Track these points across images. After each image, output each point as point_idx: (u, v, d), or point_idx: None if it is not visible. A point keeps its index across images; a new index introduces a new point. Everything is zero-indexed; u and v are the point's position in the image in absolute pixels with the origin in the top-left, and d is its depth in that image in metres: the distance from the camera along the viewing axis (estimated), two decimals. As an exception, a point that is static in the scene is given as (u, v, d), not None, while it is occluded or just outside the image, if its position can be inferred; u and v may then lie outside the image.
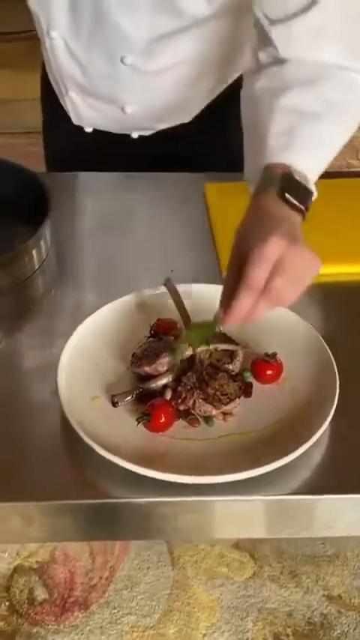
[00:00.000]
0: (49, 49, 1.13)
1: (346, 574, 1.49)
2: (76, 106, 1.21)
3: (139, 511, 0.70)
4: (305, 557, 1.52)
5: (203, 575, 1.48)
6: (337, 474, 0.71)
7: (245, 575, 1.49)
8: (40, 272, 0.99)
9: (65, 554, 1.52)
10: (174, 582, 1.47)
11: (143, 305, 0.87)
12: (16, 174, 1.07)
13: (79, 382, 0.76)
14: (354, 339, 0.89)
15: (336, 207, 1.10)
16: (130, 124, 1.24)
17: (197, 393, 0.72)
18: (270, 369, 0.76)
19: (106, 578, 1.48)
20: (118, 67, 1.10)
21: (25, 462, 0.72)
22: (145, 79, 1.15)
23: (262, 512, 0.73)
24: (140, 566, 1.50)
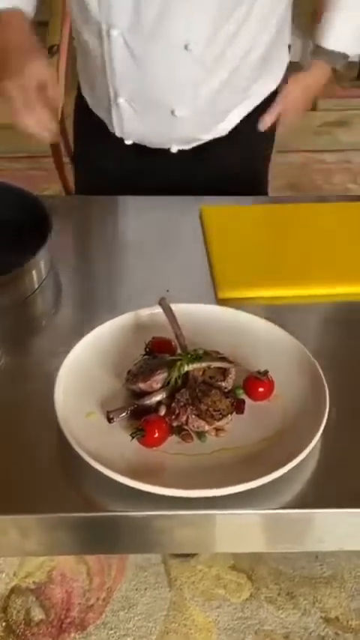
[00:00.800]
0: (107, 52, 1.13)
1: (343, 596, 1.48)
2: (123, 114, 1.21)
3: (134, 524, 0.70)
4: (302, 578, 1.51)
5: (200, 597, 1.47)
6: (327, 489, 0.72)
7: (242, 597, 1.47)
8: (39, 291, 0.99)
9: (62, 575, 1.50)
10: (171, 603, 1.46)
11: (139, 324, 0.88)
12: (17, 197, 1.08)
13: (75, 398, 0.76)
14: (343, 357, 0.90)
15: (333, 231, 1.13)
16: (175, 132, 1.24)
17: (190, 409, 0.72)
18: (262, 387, 0.77)
19: (104, 599, 1.47)
20: (180, 55, 1.11)
21: (23, 475, 0.72)
22: (202, 71, 1.15)
23: (254, 526, 0.73)
24: (137, 587, 1.49)
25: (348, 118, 3.62)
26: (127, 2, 1.06)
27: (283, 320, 0.90)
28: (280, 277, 1.02)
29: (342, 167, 3.20)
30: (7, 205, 1.07)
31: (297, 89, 1.28)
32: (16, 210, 1.06)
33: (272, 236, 1.12)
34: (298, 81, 1.27)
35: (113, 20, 1.08)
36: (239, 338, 0.87)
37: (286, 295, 1.00)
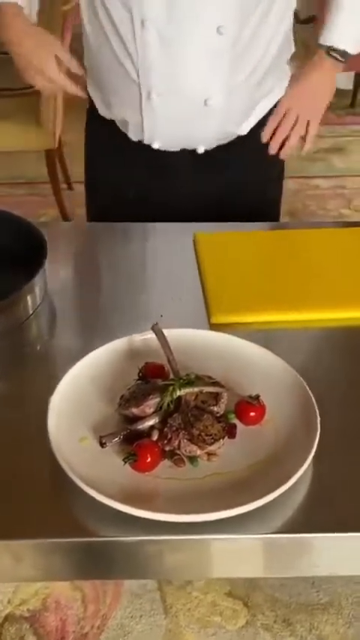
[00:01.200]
0: (140, 46, 1.13)
1: (340, 622, 1.47)
2: (155, 111, 1.20)
3: (126, 550, 0.70)
4: (299, 605, 1.50)
5: (196, 624, 1.46)
6: (319, 513, 0.71)
7: (238, 624, 1.46)
8: (34, 317, 1.00)
9: (57, 602, 1.49)
10: (166, 631, 1.45)
11: (132, 349, 0.88)
12: (14, 224, 1.09)
13: (68, 423, 0.76)
14: (334, 383, 0.90)
15: (325, 257, 1.14)
16: (206, 126, 1.23)
17: (183, 433, 0.72)
18: (253, 411, 0.77)
19: (98, 627, 1.45)
20: (214, 40, 1.12)
21: (16, 501, 0.72)
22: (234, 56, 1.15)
23: (248, 551, 0.73)
24: (132, 614, 1.48)
25: (342, 145, 3.68)
26: None
27: (275, 345, 0.90)
28: (272, 303, 1.02)
29: (336, 193, 3.22)
30: (5, 232, 1.08)
31: (312, 74, 1.26)
32: (12, 236, 1.07)
33: (265, 262, 1.13)
34: (312, 66, 1.26)
35: (146, 11, 1.08)
36: (231, 363, 0.87)
37: (279, 320, 1.00)
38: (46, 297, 1.03)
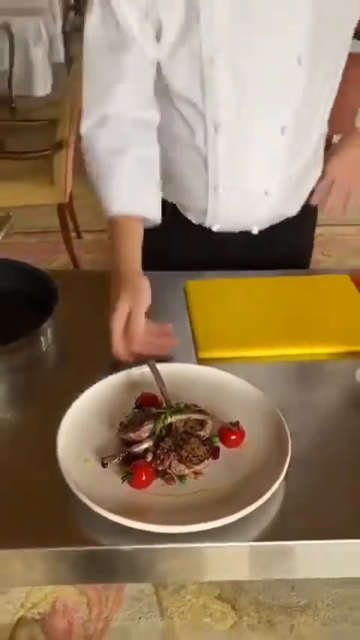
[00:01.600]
0: (211, 147, 1.09)
1: (317, 623, 1.47)
2: (220, 202, 1.17)
3: (124, 557, 0.71)
4: (280, 607, 1.50)
5: (189, 625, 1.46)
6: (291, 523, 0.72)
7: (227, 625, 1.46)
8: (46, 353, 1.00)
9: (65, 606, 1.49)
10: (162, 632, 1.44)
11: (130, 382, 0.88)
12: (29, 272, 1.09)
13: (75, 447, 0.76)
14: (305, 409, 0.90)
15: (299, 300, 1.13)
16: (263, 211, 1.20)
17: (173, 455, 0.73)
18: (234, 435, 0.77)
19: (101, 629, 1.45)
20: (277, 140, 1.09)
21: (28, 514, 0.72)
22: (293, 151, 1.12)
23: (231, 557, 0.73)
24: (132, 616, 1.48)
25: None
26: (231, 100, 1.04)
27: (254, 377, 0.90)
28: (252, 340, 1.02)
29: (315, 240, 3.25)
30: (21, 279, 1.08)
31: (352, 150, 1.24)
32: (28, 283, 1.07)
33: (246, 305, 1.12)
34: (351, 143, 1.24)
35: (220, 116, 1.06)
36: (215, 393, 0.87)
37: (257, 355, 1.00)
38: (56, 336, 1.02)
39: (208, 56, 0.98)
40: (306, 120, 1.10)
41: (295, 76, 1.01)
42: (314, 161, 1.21)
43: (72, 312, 1.00)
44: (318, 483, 0.77)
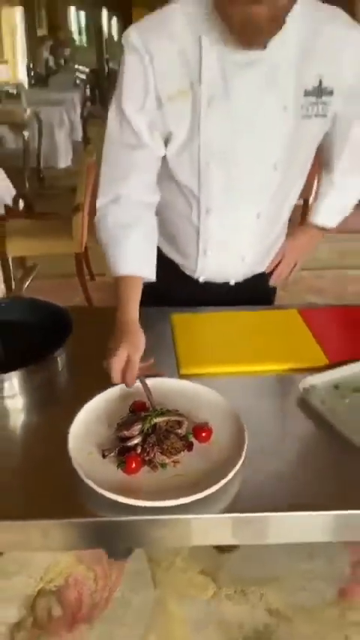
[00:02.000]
0: (203, 223, 1.08)
1: (282, 593, 1.45)
2: (207, 263, 1.16)
3: (120, 526, 0.72)
4: (252, 579, 1.48)
5: (177, 595, 1.45)
6: (246, 500, 0.73)
7: (208, 595, 1.45)
8: (61, 373, 1.00)
9: (76, 580, 1.47)
10: (155, 601, 1.43)
11: (126, 392, 0.89)
12: (49, 308, 1.09)
13: (81, 442, 0.78)
14: (261, 412, 0.90)
15: (261, 329, 1.12)
16: (240, 271, 1.19)
17: (157, 448, 0.75)
18: (204, 433, 0.79)
19: (106, 598, 1.43)
20: (255, 221, 1.08)
21: (45, 493, 0.73)
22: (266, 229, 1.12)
23: (203, 526, 0.73)
24: (131, 588, 1.46)
25: None
26: (220, 192, 1.04)
27: (222, 388, 0.90)
28: (222, 359, 1.02)
29: None
30: (43, 314, 1.08)
31: (303, 236, 1.26)
32: (49, 317, 1.06)
33: (219, 332, 1.11)
34: (304, 231, 1.26)
35: (210, 203, 1.05)
36: (191, 400, 0.87)
37: (226, 371, 0.99)
38: (70, 359, 1.01)
39: (205, 160, 0.98)
40: (277, 209, 1.11)
41: (271, 178, 1.02)
42: (281, 234, 1.22)
43: (83, 340, 1.00)
44: (271, 468, 0.78)
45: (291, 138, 0.98)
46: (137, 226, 1.00)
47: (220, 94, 0.92)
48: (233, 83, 0.91)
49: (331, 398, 0.91)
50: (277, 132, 0.97)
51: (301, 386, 0.93)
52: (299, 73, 0.92)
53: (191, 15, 0.88)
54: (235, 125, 0.95)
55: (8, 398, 0.92)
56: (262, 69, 0.90)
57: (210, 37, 0.88)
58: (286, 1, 0.78)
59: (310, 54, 0.91)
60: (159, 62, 0.90)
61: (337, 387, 0.94)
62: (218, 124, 0.94)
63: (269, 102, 0.93)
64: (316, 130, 1.02)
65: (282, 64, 0.91)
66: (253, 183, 1.03)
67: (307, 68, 0.92)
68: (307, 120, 0.97)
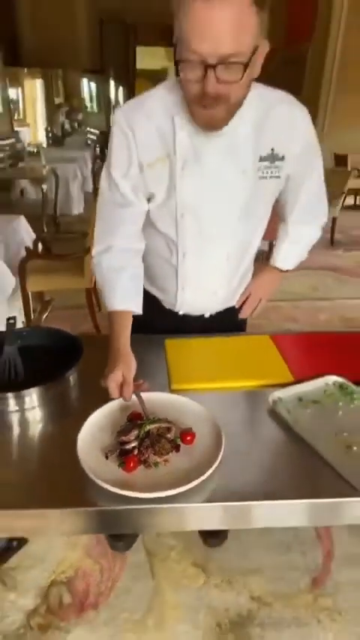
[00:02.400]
0: (180, 265, 1.09)
1: (263, 581, 1.45)
2: (185, 298, 1.17)
3: (120, 515, 0.74)
4: (237, 569, 1.48)
5: (172, 584, 1.44)
6: (225, 491, 0.75)
7: (198, 584, 1.44)
8: (73, 388, 1.02)
9: (84, 571, 1.46)
10: (153, 589, 1.43)
11: (125, 405, 0.91)
12: (63, 335, 1.11)
13: (88, 446, 0.80)
14: (237, 420, 0.92)
15: (242, 351, 1.14)
16: (213, 305, 1.20)
17: (150, 450, 0.78)
18: (189, 436, 0.82)
19: (110, 587, 1.43)
20: (224, 263, 1.10)
21: (59, 488, 0.75)
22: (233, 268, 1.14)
23: (189, 513, 0.75)
24: (132, 577, 1.46)
25: None
26: (194, 238, 1.05)
27: (205, 400, 0.92)
28: (205, 377, 1.03)
29: None
30: (58, 340, 1.10)
31: (266, 276, 1.27)
32: (63, 343, 1.08)
33: (205, 354, 1.12)
34: (267, 272, 1.27)
35: (187, 247, 1.07)
36: (179, 410, 0.90)
37: (209, 387, 1.01)
38: (80, 378, 1.03)
39: (181, 213, 1.02)
40: (242, 251, 1.13)
41: (236, 226, 1.06)
42: (248, 272, 1.24)
43: (91, 362, 1.00)
44: (244, 466, 0.80)
45: (250, 195, 1.01)
46: (126, 270, 1.03)
47: (191, 161, 0.95)
48: (202, 152, 0.95)
49: (295, 408, 0.94)
50: (238, 190, 1.00)
51: (270, 398, 0.96)
52: (255, 143, 0.96)
53: (167, 99, 0.93)
54: (205, 185, 0.98)
55: (28, 410, 0.94)
56: (224, 141, 0.94)
57: (181, 117, 0.92)
58: (239, 99, 0.83)
59: (263, 128, 0.95)
60: (140, 137, 0.94)
61: (300, 399, 0.97)
62: (191, 184, 0.98)
63: (231, 167, 0.97)
64: (272, 188, 1.05)
65: (240, 137, 0.94)
66: (221, 231, 1.05)
67: (261, 139, 0.96)
68: (263, 180, 1.00)
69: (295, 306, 3.36)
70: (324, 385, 1.01)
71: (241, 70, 0.77)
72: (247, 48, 0.76)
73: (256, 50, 0.78)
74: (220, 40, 0.73)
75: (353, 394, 0.98)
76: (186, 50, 0.75)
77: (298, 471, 0.80)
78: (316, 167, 1.08)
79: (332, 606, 1.39)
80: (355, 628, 1.34)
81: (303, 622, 1.35)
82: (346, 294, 3.60)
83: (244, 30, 0.74)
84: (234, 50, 0.74)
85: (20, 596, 1.41)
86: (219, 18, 0.71)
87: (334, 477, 0.78)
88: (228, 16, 0.71)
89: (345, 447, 0.84)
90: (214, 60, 0.74)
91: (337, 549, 1.56)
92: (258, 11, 0.75)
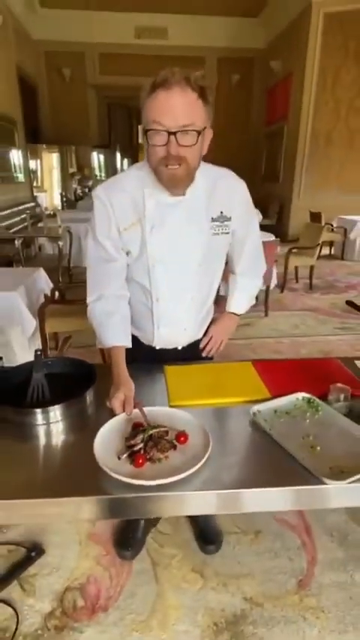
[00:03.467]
0: (155, 307, 1.16)
1: (255, 584, 1.47)
2: (160, 334, 1.23)
3: (131, 502, 0.79)
4: (231, 574, 1.50)
5: (173, 588, 1.46)
6: (213, 482, 0.81)
7: (197, 588, 1.46)
8: (89, 405, 1.07)
9: (95, 578, 1.48)
10: (157, 593, 1.44)
11: (128, 418, 0.97)
12: (79, 363, 1.17)
13: (103, 450, 0.86)
14: (222, 428, 0.98)
15: (228, 375, 1.19)
16: (182, 339, 1.26)
17: (154, 449, 0.85)
18: (182, 437, 0.89)
19: (118, 592, 1.44)
20: (190, 303, 1.17)
21: (79, 480, 0.81)
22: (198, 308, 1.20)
23: (184, 499, 0.81)
24: (138, 583, 1.47)
25: (252, 321, 3.75)
26: (163, 285, 1.13)
27: (199, 414, 0.98)
28: (197, 395, 1.08)
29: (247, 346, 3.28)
30: (76, 368, 1.15)
31: (224, 320, 1.33)
32: (80, 370, 1.14)
33: (194, 378, 1.17)
34: (224, 317, 1.33)
35: (159, 292, 1.14)
36: (175, 420, 0.96)
37: (200, 403, 1.05)
38: (95, 397, 1.07)
39: (152, 264, 1.11)
40: (204, 293, 1.21)
41: (197, 273, 1.14)
42: (210, 311, 1.31)
43: (103, 385, 1.06)
44: (230, 463, 0.86)
45: (207, 248, 1.11)
46: (117, 313, 1.12)
47: (158, 224, 1.06)
48: (166, 216, 1.05)
49: (271, 418, 1.02)
50: (197, 245, 1.10)
51: (251, 411, 1.02)
52: (207, 208, 1.08)
53: (139, 175, 1.05)
54: (169, 242, 1.08)
55: (53, 423, 0.99)
56: (183, 207, 1.05)
57: (150, 189, 1.03)
58: (194, 163, 0.97)
59: (212, 197, 1.07)
60: (116, 207, 1.05)
61: (275, 411, 1.04)
62: (158, 242, 1.07)
63: (190, 227, 1.08)
64: (223, 242, 1.15)
65: (195, 204, 1.06)
66: (185, 277, 1.14)
67: (212, 205, 1.08)
68: (216, 236, 1.11)
69: (279, 341, 3.43)
70: (295, 400, 1.08)
71: (195, 136, 0.93)
72: (198, 122, 0.93)
73: (205, 130, 0.95)
74: (179, 115, 0.90)
75: (318, 407, 1.06)
76: (153, 123, 0.92)
77: (273, 466, 0.87)
78: (253, 229, 1.20)
79: (316, 605, 1.41)
80: (337, 624, 1.36)
81: (291, 620, 1.37)
82: (323, 332, 3.70)
83: (195, 111, 0.92)
84: (189, 122, 0.91)
85: (38, 601, 1.42)
86: (177, 101, 0.90)
87: (301, 470, 0.85)
88: (183, 100, 0.90)
89: (310, 447, 0.92)
90: (175, 129, 0.91)
91: (320, 554, 1.59)
92: (204, 104, 0.93)
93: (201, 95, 0.92)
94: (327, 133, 6.87)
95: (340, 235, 6.41)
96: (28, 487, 0.80)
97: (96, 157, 9.33)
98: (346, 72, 6.49)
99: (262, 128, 8.99)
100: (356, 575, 1.51)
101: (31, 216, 5.78)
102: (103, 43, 8.24)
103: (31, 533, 1.66)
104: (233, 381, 1.15)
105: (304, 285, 5.01)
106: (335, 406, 1.05)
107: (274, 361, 1.34)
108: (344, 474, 0.82)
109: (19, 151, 7.03)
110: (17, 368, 1.13)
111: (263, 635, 1.33)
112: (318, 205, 6.65)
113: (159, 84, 0.89)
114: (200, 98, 0.91)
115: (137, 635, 1.32)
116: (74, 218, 5.77)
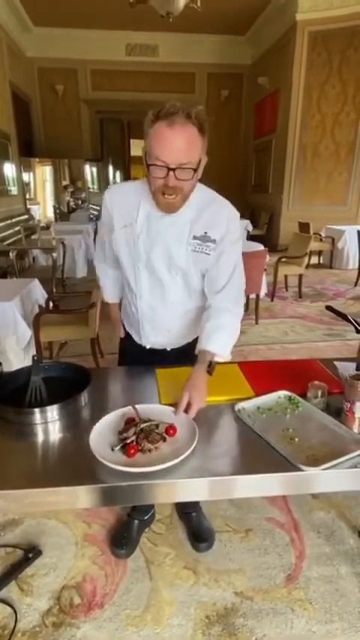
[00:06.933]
0: (140, 310, 1.25)
1: (244, 579, 1.50)
2: (147, 333, 1.29)
3: (124, 489, 0.83)
4: (222, 570, 1.53)
5: (167, 584, 1.49)
6: (197, 470, 0.86)
7: (189, 584, 1.49)
8: (84, 405, 1.10)
9: (91, 576, 1.51)
10: (150, 589, 1.47)
11: (121, 413, 1.01)
12: (75, 367, 1.20)
13: (98, 443, 0.91)
14: (210, 422, 1.02)
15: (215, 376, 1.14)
16: (170, 340, 1.30)
17: (145, 441, 0.90)
18: (171, 430, 0.94)
19: (114, 589, 1.47)
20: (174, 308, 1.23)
21: (76, 470, 0.84)
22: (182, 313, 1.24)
23: (173, 487, 0.85)
24: (132, 580, 1.50)
25: (243, 328, 3.78)
26: (146, 286, 1.19)
27: None
28: None
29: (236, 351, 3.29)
30: (72, 372, 1.19)
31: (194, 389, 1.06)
32: (76, 373, 1.17)
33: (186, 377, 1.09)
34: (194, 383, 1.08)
35: (142, 291, 1.21)
36: (165, 415, 1.01)
37: None
38: (90, 397, 1.11)
39: (137, 265, 1.19)
40: (185, 300, 1.23)
41: (176, 281, 1.19)
42: (196, 318, 1.26)
43: (97, 387, 1.12)
44: (216, 453, 0.91)
45: (186, 260, 1.16)
46: (109, 276, 1.42)
47: (145, 232, 1.15)
48: (153, 227, 1.14)
49: (254, 414, 1.08)
50: (178, 254, 1.15)
51: (236, 408, 1.08)
52: (191, 226, 1.13)
53: (141, 187, 1.14)
54: (153, 247, 1.16)
55: (50, 422, 1.03)
56: (170, 220, 1.13)
57: (145, 203, 1.13)
58: (189, 191, 1.05)
59: (200, 217, 1.13)
60: (116, 209, 1.18)
61: (258, 408, 1.11)
62: (144, 246, 1.16)
63: (173, 238, 1.14)
64: (202, 260, 1.16)
65: (182, 219, 1.13)
66: (165, 282, 1.19)
67: (197, 224, 1.13)
68: (195, 253, 1.15)
69: (269, 348, 3.50)
70: (277, 398, 1.15)
71: (191, 173, 1.03)
72: (195, 159, 1.02)
73: (200, 161, 1.04)
74: (179, 154, 0.98)
75: (298, 403, 1.13)
76: (155, 158, 1.00)
77: (255, 456, 0.92)
78: (234, 257, 1.16)
79: (304, 597, 1.46)
80: (324, 615, 1.41)
81: (279, 612, 1.41)
82: (312, 338, 3.78)
83: (194, 147, 1.00)
84: (187, 160, 1.00)
85: (36, 600, 1.46)
86: (178, 139, 0.97)
87: (281, 459, 0.91)
88: (184, 138, 0.97)
89: (289, 439, 0.99)
90: (174, 165, 1.00)
91: (307, 550, 1.64)
92: (202, 137, 1.01)
93: (200, 130, 1.00)
94: (314, 146, 7.07)
95: (329, 244, 6.56)
96: (29, 478, 0.84)
97: (89, 170, 9.46)
98: (331, 87, 6.72)
99: (251, 141, 9.21)
100: (342, 569, 1.57)
101: (25, 229, 5.83)
102: (95, 59, 8.44)
103: (28, 535, 1.70)
104: (220, 381, 1.17)
105: (294, 294, 5.11)
106: (313, 402, 1.11)
107: (259, 362, 1.40)
108: (319, 462, 0.89)
109: (12, 165, 7.13)
110: (16, 372, 1.17)
111: (253, 626, 1.37)
112: (306, 215, 6.82)
113: (162, 117, 0.96)
114: (199, 132, 1.00)
115: (132, 630, 1.36)
116: (67, 230, 5.84)
